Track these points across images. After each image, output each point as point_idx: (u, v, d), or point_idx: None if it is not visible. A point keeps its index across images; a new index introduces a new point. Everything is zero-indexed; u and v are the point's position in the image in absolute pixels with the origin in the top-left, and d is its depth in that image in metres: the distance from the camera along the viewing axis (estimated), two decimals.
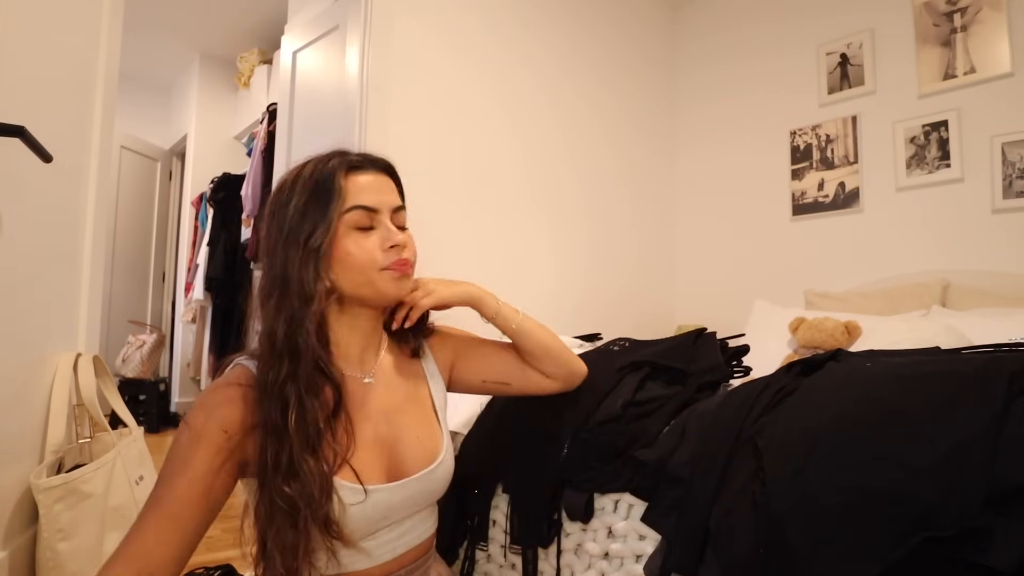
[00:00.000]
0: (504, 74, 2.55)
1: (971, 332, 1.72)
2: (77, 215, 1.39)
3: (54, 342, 1.28)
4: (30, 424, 1.17)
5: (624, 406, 1.01)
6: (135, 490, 1.24)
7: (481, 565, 1.11)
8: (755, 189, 3.00)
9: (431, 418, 0.89)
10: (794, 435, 0.78)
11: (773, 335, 2.18)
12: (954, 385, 0.74)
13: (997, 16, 2.28)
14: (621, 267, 3.01)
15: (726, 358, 1.17)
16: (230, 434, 0.70)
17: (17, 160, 1.05)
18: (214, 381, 0.76)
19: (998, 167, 2.25)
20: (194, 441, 0.69)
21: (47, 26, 1.22)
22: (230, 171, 3.95)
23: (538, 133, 2.67)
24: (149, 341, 3.86)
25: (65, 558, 1.07)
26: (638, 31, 3.21)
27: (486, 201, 2.47)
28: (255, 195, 3.23)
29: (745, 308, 2.59)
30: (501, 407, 1.15)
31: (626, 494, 0.94)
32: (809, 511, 0.70)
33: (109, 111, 1.49)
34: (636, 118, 3.16)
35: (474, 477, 1.10)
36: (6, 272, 1.08)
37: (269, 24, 3.81)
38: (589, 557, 0.96)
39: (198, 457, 0.68)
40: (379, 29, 2.17)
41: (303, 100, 2.58)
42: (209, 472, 0.69)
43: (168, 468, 0.69)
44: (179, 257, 4.47)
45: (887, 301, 2.33)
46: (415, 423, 0.86)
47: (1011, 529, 0.60)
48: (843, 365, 0.96)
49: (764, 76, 3.00)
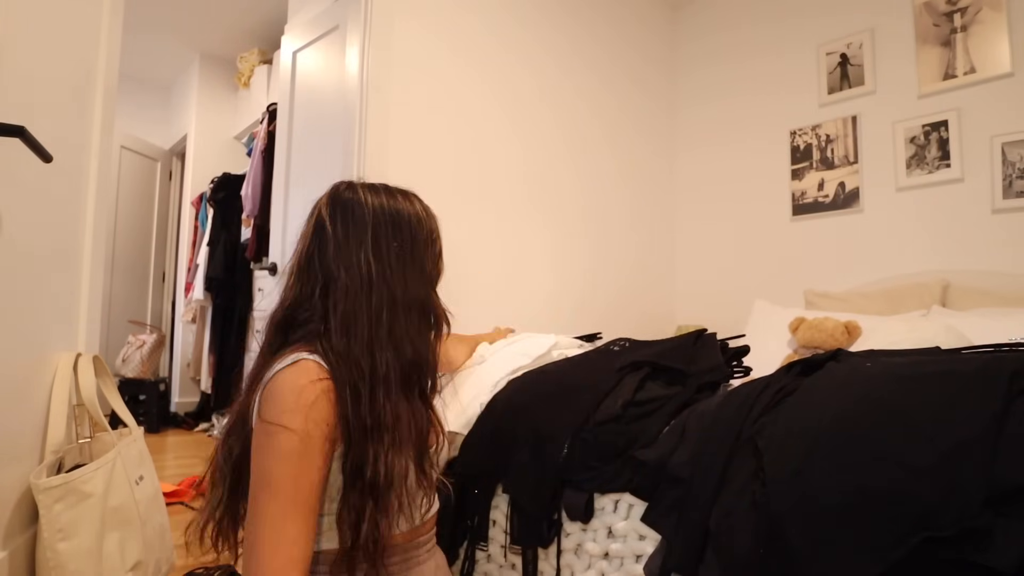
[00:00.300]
0: (504, 74, 2.55)
1: (971, 332, 1.72)
2: (77, 215, 1.39)
3: (54, 342, 1.28)
4: (30, 424, 1.17)
5: (624, 406, 1.01)
6: (135, 490, 1.24)
7: (481, 565, 1.11)
8: (755, 189, 3.00)
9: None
10: (794, 435, 0.78)
11: (773, 335, 2.18)
12: (954, 385, 0.74)
13: (997, 16, 2.28)
14: (621, 267, 3.01)
15: (726, 358, 1.18)
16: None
17: (17, 160, 1.05)
18: (285, 376, 0.78)
19: (998, 167, 2.25)
20: (304, 440, 0.74)
21: (47, 26, 1.22)
22: (230, 171, 3.95)
23: (538, 133, 2.67)
24: (149, 341, 3.86)
25: (65, 558, 1.06)
26: (638, 31, 3.21)
27: (486, 201, 2.47)
28: (255, 195, 3.23)
29: (745, 308, 2.59)
30: (502, 407, 1.15)
31: (626, 494, 0.94)
32: (809, 511, 0.70)
33: (109, 111, 1.49)
34: (636, 118, 3.16)
35: (474, 477, 1.10)
36: (6, 272, 1.08)
37: (269, 24, 3.81)
38: (589, 557, 0.96)
39: (312, 454, 0.75)
40: (379, 29, 2.17)
41: (303, 100, 2.58)
42: (324, 464, 0.76)
43: (282, 469, 0.74)
44: (179, 257, 4.46)
45: (887, 301, 2.33)
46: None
47: (1011, 529, 0.60)
48: (843, 365, 0.96)
49: (764, 76, 3.00)
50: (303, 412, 0.74)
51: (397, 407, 0.81)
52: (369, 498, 0.76)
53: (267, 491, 0.73)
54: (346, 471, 0.78)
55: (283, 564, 0.71)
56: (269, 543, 0.72)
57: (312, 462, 0.74)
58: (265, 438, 0.75)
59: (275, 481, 0.73)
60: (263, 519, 0.73)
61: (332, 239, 0.85)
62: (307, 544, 0.74)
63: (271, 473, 0.74)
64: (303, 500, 0.73)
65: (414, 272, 0.88)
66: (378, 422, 0.78)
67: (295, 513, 0.73)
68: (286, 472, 0.73)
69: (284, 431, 0.74)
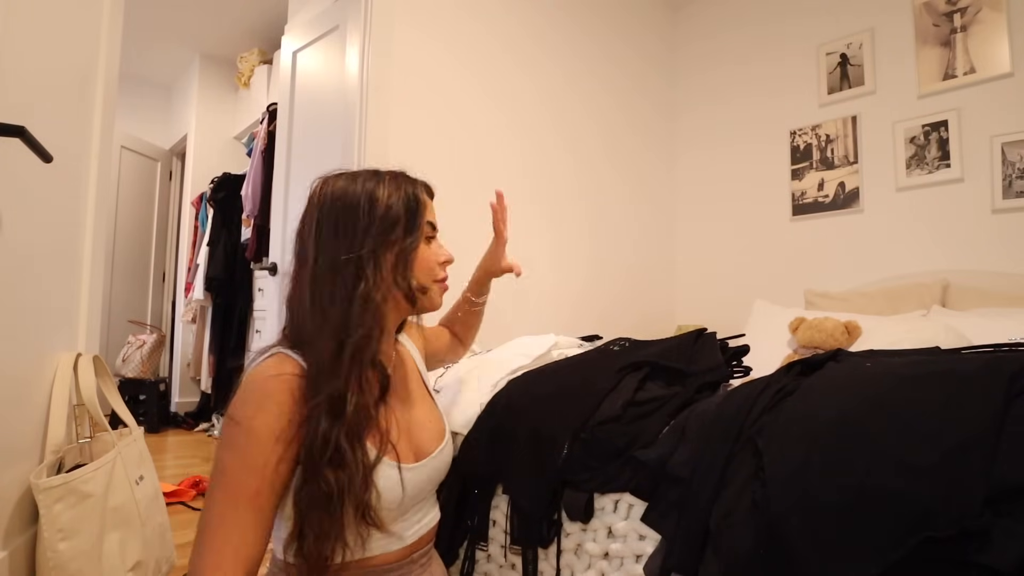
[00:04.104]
0: (504, 75, 2.55)
1: (971, 332, 1.72)
2: (77, 215, 1.39)
3: (54, 342, 1.28)
4: (30, 424, 1.17)
5: (624, 406, 1.01)
6: (135, 490, 1.24)
7: (481, 565, 1.11)
8: (755, 189, 3.00)
9: (430, 399, 0.99)
10: (794, 435, 0.78)
11: (773, 335, 2.18)
12: (954, 385, 0.74)
13: (997, 16, 2.28)
14: (621, 267, 3.01)
15: (726, 358, 1.17)
16: (290, 420, 0.73)
17: (17, 160, 1.05)
18: (254, 370, 0.77)
19: (998, 167, 2.25)
20: (249, 434, 0.72)
21: (47, 26, 1.22)
22: (230, 171, 3.95)
23: (537, 133, 2.67)
24: (149, 341, 3.86)
25: (65, 558, 1.07)
26: (638, 33, 3.21)
27: (486, 202, 2.46)
28: (255, 195, 3.23)
29: (745, 308, 2.59)
30: (502, 407, 1.15)
31: (626, 494, 0.94)
32: (809, 511, 0.70)
33: (109, 111, 1.49)
34: (636, 120, 3.16)
35: (474, 477, 1.10)
36: (6, 272, 1.08)
37: (269, 24, 3.81)
38: (589, 557, 0.96)
39: (262, 448, 0.72)
40: (379, 29, 2.17)
41: (303, 100, 2.58)
42: (279, 462, 0.73)
43: (232, 461, 0.72)
44: (179, 257, 4.47)
45: (887, 301, 2.33)
46: (422, 405, 0.96)
47: (1011, 529, 0.60)
48: (843, 365, 0.96)
49: (764, 76, 3.00)
50: (256, 405, 0.73)
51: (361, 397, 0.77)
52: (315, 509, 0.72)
53: (218, 483, 0.73)
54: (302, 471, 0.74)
55: (228, 556, 0.70)
56: (212, 536, 0.70)
57: (257, 458, 0.72)
58: (224, 429, 0.75)
59: (225, 474, 0.72)
60: (211, 511, 0.72)
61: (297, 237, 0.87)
62: (256, 540, 0.72)
63: (223, 465, 0.73)
64: (251, 494, 0.72)
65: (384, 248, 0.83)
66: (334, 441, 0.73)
67: (242, 506, 0.71)
68: (235, 465, 0.72)
69: (235, 424, 0.73)
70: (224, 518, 0.71)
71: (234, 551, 0.70)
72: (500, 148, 2.53)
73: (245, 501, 0.71)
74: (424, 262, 0.90)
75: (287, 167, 2.60)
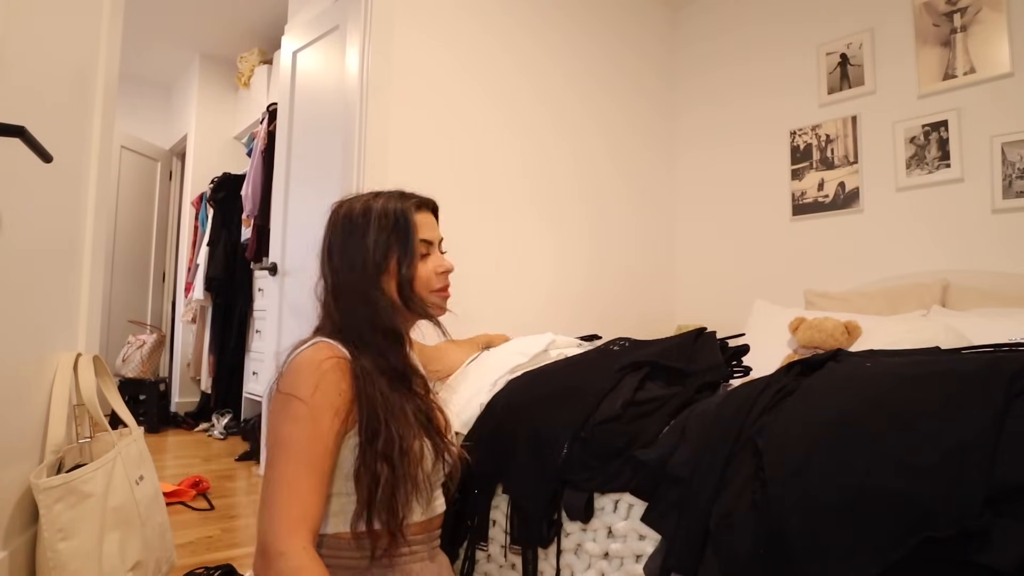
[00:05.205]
0: (504, 75, 2.55)
1: (971, 332, 1.72)
2: (77, 215, 1.39)
3: (54, 342, 1.28)
4: (30, 424, 1.17)
5: (624, 406, 1.01)
6: (135, 490, 1.24)
7: (481, 565, 1.11)
8: (755, 189, 3.00)
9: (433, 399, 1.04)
10: (794, 435, 0.78)
11: (773, 335, 2.18)
12: (954, 385, 0.74)
13: (997, 16, 2.28)
14: (621, 267, 3.01)
15: (726, 358, 1.18)
16: (343, 396, 0.85)
17: (17, 160, 1.05)
18: (304, 354, 0.88)
19: (998, 167, 2.25)
20: (312, 408, 0.82)
21: (47, 26, 1.22)
22: (230, 171, 3.95)
23: (537, 133, 2.67)
24: (149, 341, 3.86)
25: (65, 558, 1.06)
26: (638, 33, 3.21)
27: (486, 203, 2.47)
28: (255, 195, 3.23)
29: (745, 308, 2.59)
30: (502, 407, 1.15)
31: (626, 494, 0.94)
32: (809, 511, 0.70)
33: (109, 111, 1.49)
34: (636, 120, 3.16)
35: (474, 477, 1.10)
36: (6, 272, 1.08)
37: (269, 24, 3.81)
38: (589, 557, 0.96)
39: (322, 421, 0.82)
40: (379, 30, 2.17)
41: (303, 100, 2.58)
42: (334, 435, 0.83)
43: (296, 433, 0.81)
44: (179, 257, 4.47)
45: (887, 301, 2.32)
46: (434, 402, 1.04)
47: (1011, 529, 0.60)
48: (843, 365, 0.96)
49: (764, 76, 3.00)
50: (314, 382, 0.83)
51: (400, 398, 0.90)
52: (384, 464, 0.83)
53: (283, 452, 0.81)
54: (362, 440, 0.85)
55: (298, 517, 0.77)
56: (285, 499, 0.78)
57: (321, 428, 0.82)
58: (281, 406, 0.84)
59: (291, 443, 0.81)
60: (280, 477, 0.80)
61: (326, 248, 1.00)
62: (319, 502, 0.81)
63: (287, 436, 0.81)
64: (316, 460, 0.81)
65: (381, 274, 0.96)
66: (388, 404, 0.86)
67: (309, 471, 0.80)
68: (300, 435, 0.81)
69: (296, 399, 0.82)
70: (292, 484, 0.79)
71: (302, 512, 0.78)
72: (500, 148, 2.53)
73: (308, 466, 0.80)
74: (421, 279, 0.99)
75: (287, 167, 2.60)
